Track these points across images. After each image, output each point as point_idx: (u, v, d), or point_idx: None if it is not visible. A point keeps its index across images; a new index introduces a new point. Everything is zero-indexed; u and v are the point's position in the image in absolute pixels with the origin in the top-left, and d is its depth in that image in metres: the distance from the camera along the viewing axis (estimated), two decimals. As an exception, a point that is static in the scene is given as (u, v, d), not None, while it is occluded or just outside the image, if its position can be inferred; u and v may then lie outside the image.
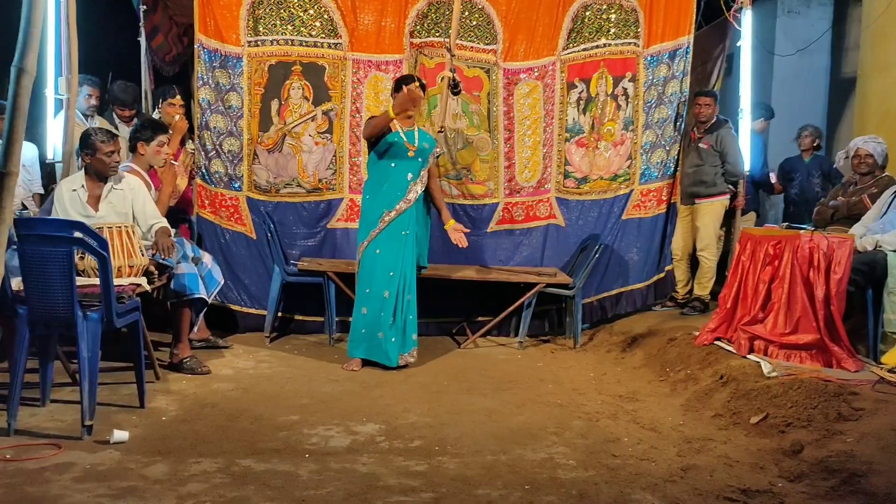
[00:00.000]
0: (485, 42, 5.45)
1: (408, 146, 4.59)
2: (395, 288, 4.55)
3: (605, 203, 5.68)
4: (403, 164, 4.61)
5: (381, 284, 4.53)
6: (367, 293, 4.56)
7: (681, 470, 3.10)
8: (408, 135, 4.62)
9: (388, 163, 4.60)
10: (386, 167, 4.61)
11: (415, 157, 4.61)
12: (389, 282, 4.54)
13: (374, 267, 4.55)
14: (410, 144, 4.60)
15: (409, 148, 4.59)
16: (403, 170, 4.61)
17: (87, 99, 5.58)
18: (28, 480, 2.80)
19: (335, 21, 5.26)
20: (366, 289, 4.56)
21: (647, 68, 5.60)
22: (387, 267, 4.54)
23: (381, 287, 4.53)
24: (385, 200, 4.58)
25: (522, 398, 4.09)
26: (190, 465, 2.99)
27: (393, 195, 4.58)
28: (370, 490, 2.83)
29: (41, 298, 3.30)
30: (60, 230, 3.34)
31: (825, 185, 6.31)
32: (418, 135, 4.67)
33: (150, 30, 6.31)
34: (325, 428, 3.50)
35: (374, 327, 4.53)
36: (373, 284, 4.55)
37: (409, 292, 4.63)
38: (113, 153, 4.04)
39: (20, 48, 2.05)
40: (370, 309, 4.55)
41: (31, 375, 3.59)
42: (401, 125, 4.62)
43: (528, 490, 2.88)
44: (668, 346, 4.79)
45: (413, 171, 4.61)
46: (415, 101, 4.52)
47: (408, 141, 4.60)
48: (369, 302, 4.55)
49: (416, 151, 4.61)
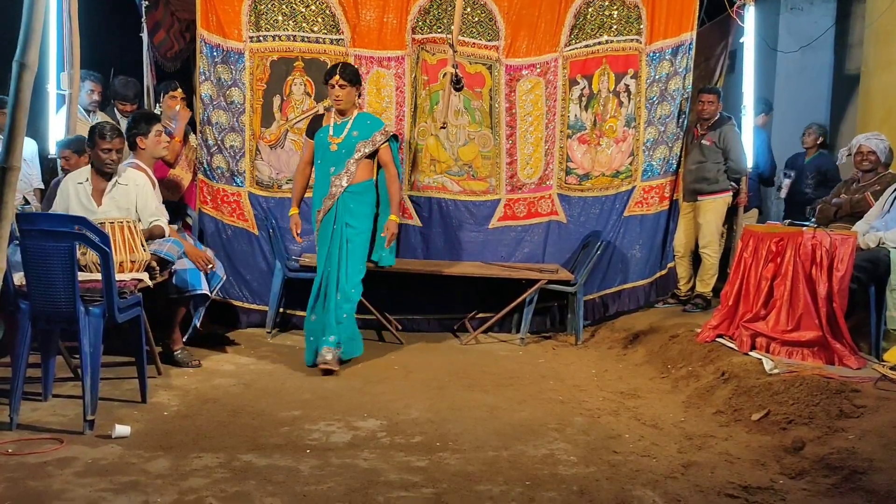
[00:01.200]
0: (487, 38, 5.44)
1: (330, 139, 4.50)
2: (324, 284, 4.49)
3: (606, 200, 5.67)
4: (326, 159, 4.54)
5: (316, 280, 4.54)
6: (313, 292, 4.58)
7: (682, 466, 3.10)
8: (337, 127, 4.53)
9: (317, 160, 4.59)
10: (316, 165, 4.61)
11: (338, 150, 4.50)
12: (321, 277, 4.51)
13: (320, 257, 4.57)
14: (335, 137, 4.50)
15: (332, 141, 4.49)
16: (325, 165, 4.55)
17: (89, 94, 5.58)
18: (30, 475, 2.80)
19: (337, 17, 5.26)
20: (315, 287, 4.57)
21: (649, 65, 5.59)
22: (319, 264, 4.54)
23: (315, 283, 4.54)
24: (317, 200, 4.58)
25: (524, 394, 4.09)
26: (191, 460, 2.99)
27: (320, 193, 4.56)
28: (371, 485, 2.84)
29: (43, 293, 3.30)
30: (62, 225, 3.34)
31: (818, 186, 6.30)
32: (351, 124, 4.54)
33: (152, 26, 6.30)
34: (327, 423, 3.50)
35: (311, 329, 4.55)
36: (314, 283, 4.55)
37: (336, 290, 4.48)
38: (110, 150, 3.99)
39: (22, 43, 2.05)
40: (312, 307, 4.56)
41: (34, 370, 3.59)
42: (336, 118, 4.55)
43: (528, 486, 2.88)
44: (669, 343, 4.79)
45: (336, 164, 4.50)
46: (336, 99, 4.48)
47: (332, 134, 4.51)
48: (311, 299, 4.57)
49: (340, 143, 4.50)
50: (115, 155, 4.05)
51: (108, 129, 4.02)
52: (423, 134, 5.46)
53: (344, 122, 4.53)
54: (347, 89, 4.47)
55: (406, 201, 5.43)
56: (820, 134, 6.57)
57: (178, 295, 4.20)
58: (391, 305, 5.36)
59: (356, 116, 4.57)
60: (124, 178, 4.12)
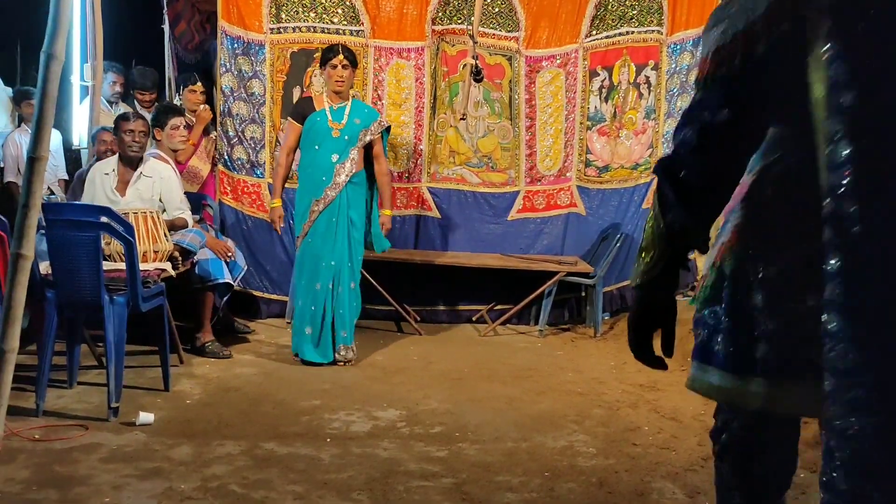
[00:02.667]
0: (507, 29, 5.42)
1: (331, 125, 4.20)
2: (328, 280, 4.25)
3: (625, 192, 5.65)
4: (327, 146, 4.22)
5: (313, 276, 4.25)
6: (302, 285, 4.31)
7: (701, 459, 3.09)
8: (336, 112, 4.26)
9: (312, 145, 4.26)
10: (310, 151, 4.28)
11: (340, 136, 4.21)
12: (320, 274, 4.25)
13: (304, 259, 4.28)
14: (335, 122, 4.21)
15: (333, 127, 4.20)
16: (327, 152, 4.22)
17: (111, 86, 5.64)
18: (56, 460, 2.86)
19: (357, 8, 5.26)
20: (301, 281, 4.31)
21: (670, 56, 5.55)
22: (317, 258, 4.24)
23: (311, 279, 4.25)
24: (312, 188, 4.25)
25: (543, 386, 4.09)
26: (214, 448, 3.03)
27: (319, 182, 4.23)
28: (391, 475, 2.86)
29: (69, 282, 3.35)
30: (88, 215, 3.39)
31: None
32: (350, 110, 4.29)
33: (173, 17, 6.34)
34: (347, 413, 3.53)
35: (302, 321, 4.28)
36: (304, 277, 4.29)
37: (341, 284, 4.28)
38: (133, 132, 4.04)
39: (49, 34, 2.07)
40: (303, 302, 4.29)
41: (59, 358, 3.66)
42: (330, 100, 4.27)
43: (547, 477, 2.89)
44: (689, 336, 4.72)
45: (339, 151, 4.22)
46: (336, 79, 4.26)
47: (332, 119, 4.22)
48: (301, 294, 4.31)
49: (343, 129, 4.21)
50: (140, 137, 4.09)
51: (130, 113, 4.10)
52: (443, 125, 5.46)
53: (342, 107, 4.28)
54: (349, 70, 4.31)
55: (425, 193, 5.43)
56: None
57: (202, 284, 4.24)
58: (410, 297, 5.37)
59: (353, 103, 4.37)
60: (149, 169, 4.16)
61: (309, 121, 4.28)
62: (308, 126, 4.27)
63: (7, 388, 2.04)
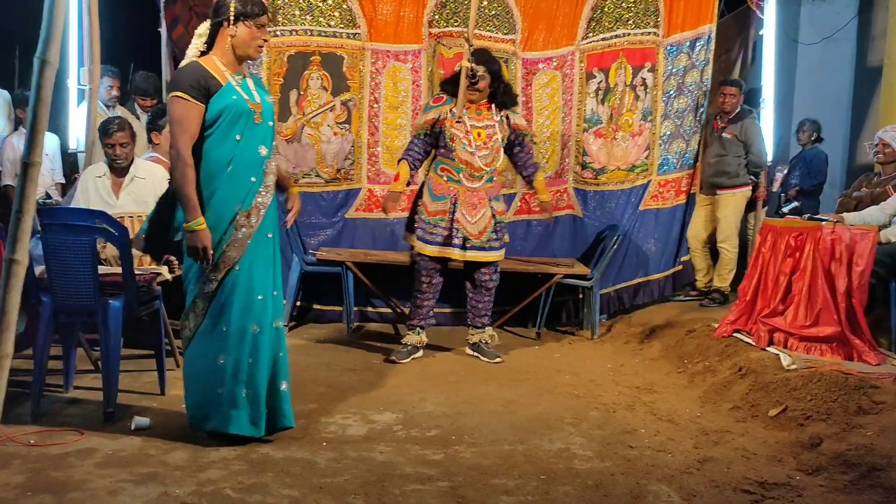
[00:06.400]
0: (503, 31, 5.42)
1: (252, 106, 3.02)
2: (268, 317, 3.10)
3: (622, 194, 5.65)
4: (253, 135, 3.04)
5: (246, 316, 3.04)
6: (223, 332, 3.03)
7: (698, 462, 3.09)
8: (244, 88, 3.05)
9: (231, 135, 2.99)
10: (227, 143, 2.99)
11: (263, 121, 3.07)
12: (257, 310, 3.06)
13: (231, 292, 3.02)
14: (253, 103, 3.04)
15: (255, 109, 3.03)
16: (253, 143, 3.04)
17: (107, 90, 5.63)
18: (52, 465, 2.85)
19: (354, 11, 5.27)
20: (222, 327, 3.03)
21: (666, 58, 5.55)
22: (252, 289, 3.05)
23: (245, 320, 3.04)
24: (235, 192, 3.01)
25: (539, 389, 4.09)
26: (209, 452, 3.02)
27: (246, 183, 3.02)
28: (387, 478, 2.86)
29: (64, 287, 3.35)
30: (83, 219, 3.39)
31: (803, 178, 6.48)
32: (254, 84, 3.12)
33: (171, 21, 6.35)
34: (343, 416, 3.53)
35: (236, 382, 3.05)
36: (232, 318, 3.02)
37: (280, 318, 3.21)
38: (114, 146, 4.05)
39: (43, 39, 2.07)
40: (232, 355, 3.04)
41: (55, 362, 3.65)
42: (229, 71, 3.03)
43: (544, 480, 2.89)
44: (686, 338, 4.77)
45: (266, 142, 3.08)
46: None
47: (249, 98, 3.04)
48: (229, 345, 3.03)
49: (263, 112, 3.07)
50: (122, 150, 4.09)
51: (110, 125, 4.09)
52: (440, 128, 5.45)
53: (244, 81, 3.07)
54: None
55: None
56: (814, 130, 6.66)
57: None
58: (406, 299, 5.36)
59: (249, 75, 3.16)
60: (142, 171, 4.17)
61: (215, 100, 2.98)
62: (217, 109, 2.98)
63: (2, 394, 2.03)
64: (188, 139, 2.94)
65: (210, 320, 3.04)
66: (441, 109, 4.45)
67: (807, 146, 6.63)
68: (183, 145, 2.92)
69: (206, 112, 2.96)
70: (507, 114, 4.48)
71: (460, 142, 4.40)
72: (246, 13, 2.99)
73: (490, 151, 4.43)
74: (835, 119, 7.18)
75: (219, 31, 3.03)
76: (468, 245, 4.45)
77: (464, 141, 4.40)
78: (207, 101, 2.96)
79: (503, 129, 4.45)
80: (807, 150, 6.62)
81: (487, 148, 4.42)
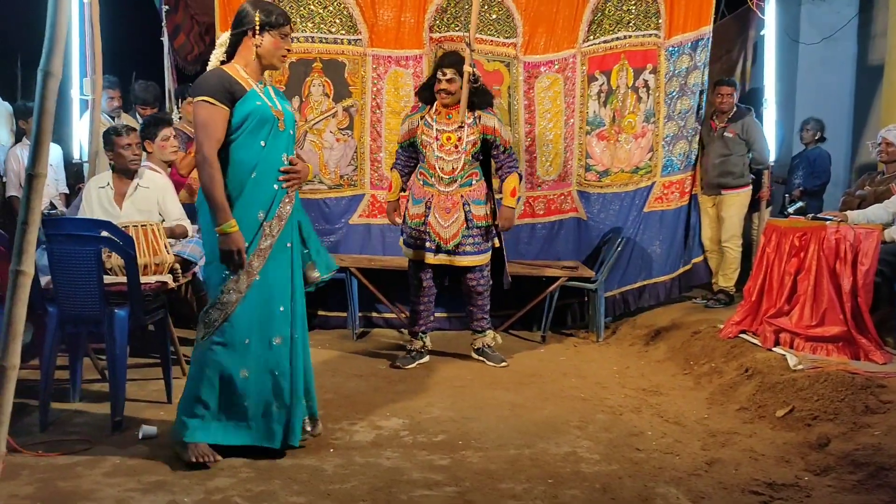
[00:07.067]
0: (504, 36, 5.43)
1: (275, 113, 3.01)
2: (289, 329, 3.07)
3: (626, 196, 5.65)
4: (277, 142, 3.03)
5: (269, 328, 3.02)
6: (245, 345, 2.99)
7: (705, 464, 3.09)
8: (266, 95, 3.04)
9: (256, 140, 2.98)
10: (251, 149, 2.97)
11: (286, 129, 3.06)
12: (279, 322, 3.05)
13: (251, 304, 2.98)
14: (276, 110, 3.02)
15: (278, 116, 3.01)
16: (277, 149, 3.02)
17: (109, 102, 5.65)
18: (60, 475, 2.86)
19: (354, 17, 5.28)
20: (244, 339, 2.98)
21: (668, 59, 5.55)
22: (273, 300, 3.03)
23: (267, 332, 3.02)
24: (259, 199, 2.98)
25: (545, 392, 4.09)
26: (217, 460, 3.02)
27: (270, 191, 3.00)
28: (394, 484, 2.86)
29: (70, 297, 3.36)
30: (88, 229, 3.40)
31: (806, 177, 6.46)
32: (275, 93, 3.11)
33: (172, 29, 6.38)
34: (350, 423, 3.53)
35: (262, 395, 3.04)
36: (253, 330, 3.00)
37: (303, 329, 3.17)
38: (129, 146, 4.06)
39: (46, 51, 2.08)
40: (255, 367, 3.01)
41: (62, 372, 3.66)
42: (251, 78, 3.01)
43: (551, 484, 2.89)
44: (692, 340, 4.76)
45: (289, 151, 3.08)
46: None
47: (272, 105, 3.03)
48: (250, 357, 3.00)
49: (285, 119, 3.06)
50: (136, 149, 4.12)
51: (121, 127, 4.11)
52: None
53: (266, 89, 3.07)
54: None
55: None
56: (817, 129, 6.63)
57: (204, 292, 4.25)
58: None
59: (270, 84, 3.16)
60: (145, 180, 4.18)
61: (239, 105, 2.96)
62: (241, 115, 2.96)
63: (9, 405, 2.04)
64: (214, 143, 2.92)
65: (230, 333, 2.97)
66: (413, 119, 4.50)
67: (810, 145, 6.62)
68: (209, 149, 2.90)
69: (231, 117, 2.94)
70: (480, 114, 4.47)
71: (430, 147, 4.42)
72: (271, 23, 3.00)
73: (459, 155, 4.41)
74: (837, 118, 7.16)
75: (241, 40, 3.03)
76: (441, 249, 4.45)
77: (434, 146, 4.42)
78: (232, 106, 2.93)
79: (475, 130, 4.44)
80: (810, 150, 6.61)
81: (458, 152, 4.40)
